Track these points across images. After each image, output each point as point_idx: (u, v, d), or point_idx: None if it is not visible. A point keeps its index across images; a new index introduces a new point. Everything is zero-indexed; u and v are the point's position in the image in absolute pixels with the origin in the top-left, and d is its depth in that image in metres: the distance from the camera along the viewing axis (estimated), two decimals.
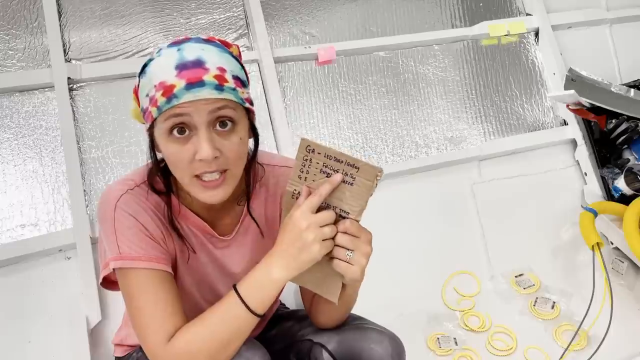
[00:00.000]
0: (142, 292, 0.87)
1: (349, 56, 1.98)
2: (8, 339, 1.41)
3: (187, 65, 0.80)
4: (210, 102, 0.81)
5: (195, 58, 0.81)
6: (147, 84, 0.83)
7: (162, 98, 0.80)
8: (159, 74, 0.81)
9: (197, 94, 0.80)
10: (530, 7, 2.21)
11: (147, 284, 0.87)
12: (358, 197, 0.82)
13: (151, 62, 0.84)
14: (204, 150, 0.81)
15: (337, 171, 0.82)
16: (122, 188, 0.91)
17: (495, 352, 1.61)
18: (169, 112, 0.81)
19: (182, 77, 0.80)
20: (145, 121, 0.86)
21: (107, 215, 0.89)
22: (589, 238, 1.70)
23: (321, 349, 1.03)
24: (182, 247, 0.97)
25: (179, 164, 0.85)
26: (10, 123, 1.59)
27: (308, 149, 0.81)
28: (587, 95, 1.91)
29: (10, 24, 1.67)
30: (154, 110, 0.82)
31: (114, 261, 0.88)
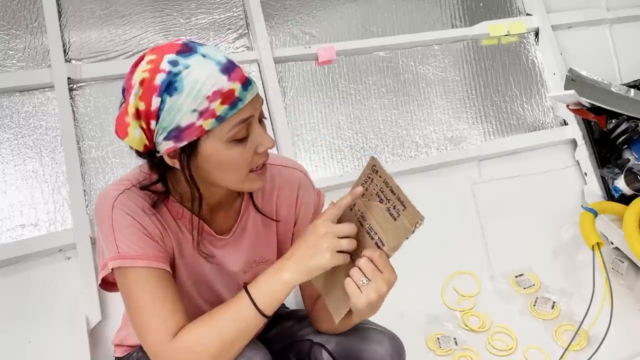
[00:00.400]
0: (142, 291, 0.87)
1: (349, 56, 1.98)
2: (8, 339, 1.41)
3: (230, 67, 0.81)
4: (258, 97, 0.85)
5: (226, 59, 0.82)
6: (190, 99, 0.78)
7: (222, 106, 0.79)
8: (207, 83, 0.78)
9: (253, 91, 0.82)
10: (530, 7, 2.22)
11: (146, 282, 0.87)
12: (397, 234, 0.81)
13: (181, 76, 0.79)
14: (269, 142, 0.86)
15: (389, 201, 0.82)
16: (118, 188, 0.91)
17: (495, 352, 1.61)
18: (234, 120, 0.81)
19: (235, 80, 0.80)
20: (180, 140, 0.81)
21: (105, 216, 0.89)
22: (589, 238, 1.70)
23: (321, 348, 1.03)
24: (181, 246, 0.97)
25: (239, 166, 0.86)
26: (10, 123, 1.59)
27: (374, 168, 0.83)
28: (587, 95, 1.91)
29: (10, 24, 1.67)
30: (211, 122, 0.79)
31: (112, 261, 0.88)
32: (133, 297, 0.88)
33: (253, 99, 0.83)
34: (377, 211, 0.84)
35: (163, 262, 0.90)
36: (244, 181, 0.88)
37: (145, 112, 0.80)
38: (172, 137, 0.81)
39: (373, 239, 0.84)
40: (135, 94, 0.80)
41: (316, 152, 1.87)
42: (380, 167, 0.82)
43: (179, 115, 0.79)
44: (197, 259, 0.99)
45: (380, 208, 0.83)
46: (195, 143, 0.82)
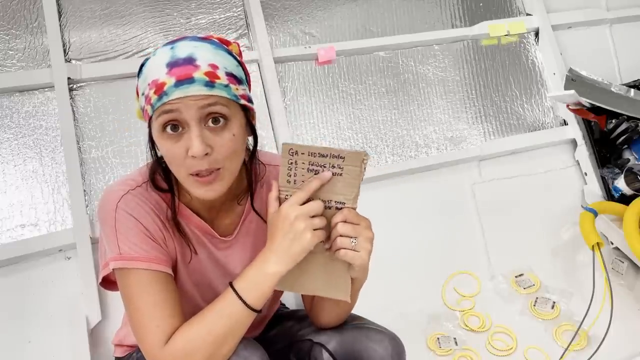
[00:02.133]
0: (142, 292, 0.87)
1: (349, 56, 1.98)
2: (8, 339, 1.41)
3: (178, 63, 0.82)
4: (199, 98, 0.81)
5: (186, 55, 0.83)
6: (143, 83, 0.85)
7: (154, 96, 0.82)
8: (153, 72, 0.83)
9: (186, 90, 0.81)
10: (530, 7, 2.21)
11: (147, 284, 0.87)
12: (350, 185, 0.83)
13: (147, 62, 0.86)
14: (195, 146, 0.81)
15: (324, 166, 0.83)
16: (123, 188, 0.91)
17: (495, 352, 1.61)
18: (160, 109, 0.82)
19: (172, 75, 0.81)
20: (144, 119, 0.88)
21: (108, 216, 0.89)
22: (589, 238, 1.70)
23: (321, 348, 1.02)
24: (183, 248, 0.97)
25: (173, 161, 0.86)
26: (10, 123, 1.59)
27: (291, 152, 0.82)
28: (587, 95, 1.91)
29: (10, 24, 1.67)
30: (149, 108, 0.84)
31: (114, 261, 0.88)
32: (133, 299, 0.88)
33: (188, 100, 0.81)
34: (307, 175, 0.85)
35: (165, 265, 0.90)
36: (186, 182, 0.87)
37: (136, 89, 0.89)
38: (143, 115, 0.88)
39: (332, 207, 0.86)
40: None
41: None
42: (297, 145, 0.82)
43: (140, 97, 0.87)
44: (199, 261, 0.99)
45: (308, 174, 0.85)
46: (150, 126, 0.87)
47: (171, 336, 0.85)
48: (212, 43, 0.87)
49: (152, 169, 0.94)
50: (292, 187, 0.84)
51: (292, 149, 0.81)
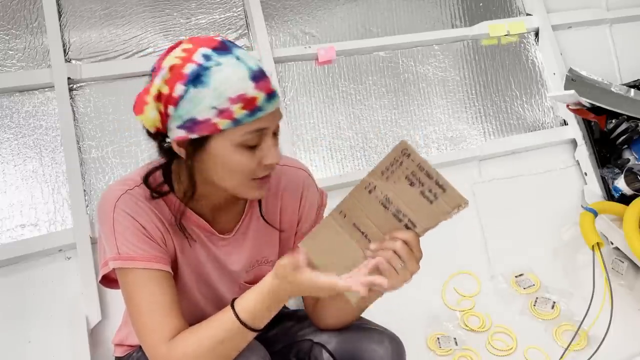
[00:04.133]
0: (140, 292, 0.88)
1: (349, 56, 1.98)
2: (8, 339, 1.41)
3: (259, 76, 0.82)
4: (278, 112, 0.86)
5: (257, 67, 0.83)
6: (213, 96, 0.80)
7: (242, 111, 0.80)
8: (234, 85, 0.79)
9: (275, 104, 0.83)
10: (530, 7, 2.21)
11: (145, 283, 0.88)
12: (431, 216, 0.80)
13: (210, 73, 0.80)
14: (276, 157, 0.86)
15: (422, 184, 0.80)
16: (121, 188, 0.92)
17: (495, 352, 1.61)
18: (249, 127, 0.82)
19: (261, 89, 0.81)
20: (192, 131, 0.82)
21: (107, 216, 0.90)
22: (589, 238, 1.70)
23: (321, 348, 1.03)
24: (183, 245, 0.97)
25: (242, 172, 0.86)
26: (10, 123, 1.59)
27: (404, 152, 0.79)
28: (587, 95, 1.92)
29: (10, 24, 1.67)
30: (226, 122, 0.80)
31: (112, 261, 0.88)
32: (132, 298, 0.89)
33: (273, 112, 0.84)
34: (406, 194, 0.81)
35: (163, 263, 0.90)
36: (242, 187, 0.88)
37: (167, 97, 0.81)
38: (185, 127, 0.82)
39: (402, 220, 0.83)
40: (162, 76, 0.82)
41: (316, 152, 1.87)
42: (413, 150, 0.79)
43: (198, 108, 0.80)
44: (198, 258, 0.99)
45: (410, 191, 0.81)
46: (206, 138, 0.83)
47: (170, 336, 0.85)
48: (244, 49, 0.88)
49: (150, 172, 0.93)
50: (381, 179, 0.81)
51: (406, 150, 0.79)
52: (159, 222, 0.93)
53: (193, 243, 0.98)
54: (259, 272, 1.06)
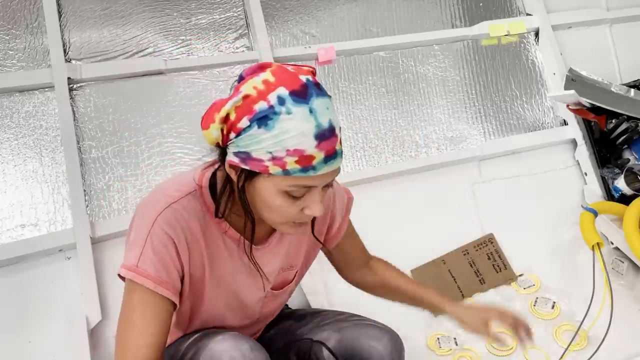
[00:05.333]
0: (139, 311, 0.88)
1: (349, 56, 1.98)
2: (8, 339, 1.41)
3: (326, 135, 0.80)
4: (336, 170, 0.85)
5: (329, 125, 0.80)
6: (273, 141, 0.79)
7: (295, 165, 0.79)
8: (296, 138, 0.78)
9: (332, 165, 0.82)
10: (530, 7, 2.21)
11: (148, 305, 0.88)
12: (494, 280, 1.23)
13: (279, 118, 0.78)
14: (319, 211, 0.85)
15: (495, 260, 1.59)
16: (166, 201, 0.90)
17: (495, 352, 1.61)
18: (298, 182, 0.82)
19: (322, 149, 0.80)
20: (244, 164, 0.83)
21: (145, 226, 0.89)
22: (589, 238, 1.70)
23: (321, 346, 1.03)
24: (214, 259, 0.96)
25: (281, 214, 0.87)
26: (10, 123, 1.59)
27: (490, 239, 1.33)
28: (587, 95, 1.91)
29: (10, 24, 1.67)
30: (277, 169, 0.80)
31: (127, 270, 0.88)
32: (129, 311, 0.89)
33: (329, 173, 0.83)
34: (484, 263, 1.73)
35: (171, 292, 0.90)
36: (279, 225, 0.90)
37: (232, 123, 0.82)
38: (240, 157, 0.83)
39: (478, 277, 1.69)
40: (234, 102, 0.81)
41: None
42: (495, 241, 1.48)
43: (255, 146, 0.80)
44: (227, 269, 0.99)
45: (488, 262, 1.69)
46: (255, 174, 0.83)
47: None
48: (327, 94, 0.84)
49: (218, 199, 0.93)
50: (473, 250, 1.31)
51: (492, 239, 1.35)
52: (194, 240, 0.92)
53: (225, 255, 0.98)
54: (283, 278, 1.07)
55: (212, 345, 0.90)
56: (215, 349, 0.89)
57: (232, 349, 0.88)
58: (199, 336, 0.96)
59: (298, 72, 0.83)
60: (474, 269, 1.79)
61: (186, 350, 0.95)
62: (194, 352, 0.92)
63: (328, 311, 1.17)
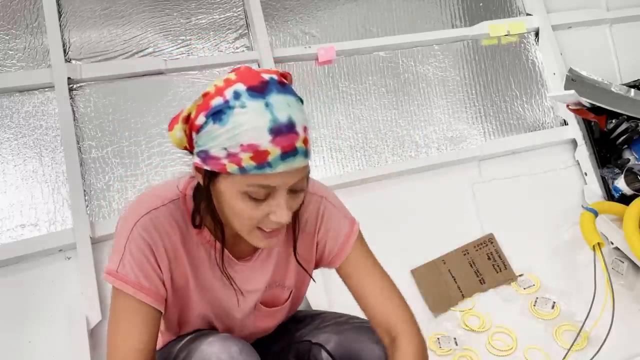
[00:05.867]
0: (123, 317, 0.88)
1: (349, 56, 1.98)
2: (8, 339, 1.41)
3: (282, 130, 0.75)
4: (298, 171, 0.79)
5: (287, 120, 0.76)
6: (227, 136, 0.77)
7: (250, 162, 0.75)
8: (249, 133, 0.75)
9: (291, 163, 0.77)
10: (530, 7, 2.21)
11: (131, 313, 0.88)
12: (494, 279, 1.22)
13: (232, 112, 0.76)
14: (284, 217, 0.80)
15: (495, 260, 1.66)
16: (148, 206, 0.90)
17: (495, 352, 1.61)
18: (255, 180, 0.77)
19: (277, 145, 0.75)
20: (205, 164, 0.80)
21: (124, 232, 0.88)
22: (590, 238, 1.70)
23: (320, 349, 1.02)
24: (197, 269, 0.96)
25: (245, 220, 0.83)
26: (10, 123, 1.59)
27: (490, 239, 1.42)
28: (587, 95, 1.91)
29: (10, 24, 1.67)
30: (233, 167, 0.77)
31: (107, 275, 0.89)
32: (115, 318, 0.90)
33: (289, 172, 0.78)
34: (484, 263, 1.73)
35: (153, 299, 0.89)
36: (247, 234, 0.86)
37: (191, 122, 0.81)
38: (200, 156, 0.81)
39: (478, 276, 1.70)
40: (195, 101, 0.81)
41: (316, 152, 1.87)
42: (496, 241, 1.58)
43: (212, 143, 0.78)
44: (212, 282, 0.98)
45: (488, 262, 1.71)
46: (217, 174, 0.81)
47: None
48: (293, 94, 0.81)
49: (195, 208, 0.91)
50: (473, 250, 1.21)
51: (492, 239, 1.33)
52: (173, 250, 0.91)
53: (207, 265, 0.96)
54: (273, 295, 1.05)
55: (202, 348, 0.89)
56: (206, 351, 0.88)
57: (222, 351, 0.88)
58: (190, 338, 0.96)
59: (264, 71, 0.81)
60: (474, 269, 1.79)
61: (178, 353, 0.94)
62: (185, 355, 0.91)
63: (328, 313, 1.16)
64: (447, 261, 1.80)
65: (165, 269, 0.91)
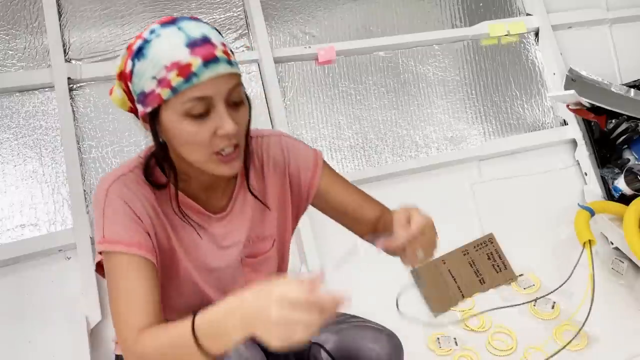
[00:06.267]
0: (121, 277, 0.87)
1: (349, 56, 1.98)
2: (8, 339, 1.41)
3: (197, 43, 0.80)
4: (226, 79, 0.82)
5: (201, 35, 0.81)
6: (151, 66, 0.81)
7: (178, 78, 0.79)
8: (168, 53, 0.80)
9: (216, 70, 0.80)
10: (530, 7, 2.21)
11: (127, 269, 0.87)
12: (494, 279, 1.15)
13: (149, 45, 0.82)
14: (229, 125, 0.82)
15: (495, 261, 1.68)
16: (115, 174, 0.93)
17: (495, 352, 1.61)
18: (188, 94, 0.80)
19: (197, 55, 0.79)
20: (145, 106, 0.84)
21: (99, 200, 0.90)
22: (582, 235, 1.71)
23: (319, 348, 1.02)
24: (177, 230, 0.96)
25: (197, 144, 0.84)
26: (10, 123, 1.59)
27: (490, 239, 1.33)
28: (587, 95, 1.91)
29: (10, 24, 1.67)
30: (166, 92, 0.80)
31: (98, 244, 0.89)
32: (112, 283, 0.88)
33: (218, 79, 0.81)
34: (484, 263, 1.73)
35: (145, 251, 0.89)
36: (207, 163, 0.86)
37: (123, 74, 0.86)
38: (140, 101, 0.85)
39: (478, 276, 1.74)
40: (122, 56, 0.86)
41: None
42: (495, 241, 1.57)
43: (143, 80, 0.82)
44: (195, 242, 0.98)
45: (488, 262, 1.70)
46: (158, 111, 0.84)
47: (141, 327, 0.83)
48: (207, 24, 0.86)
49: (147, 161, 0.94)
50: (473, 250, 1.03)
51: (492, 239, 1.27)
52: (151, 208, 0.92)
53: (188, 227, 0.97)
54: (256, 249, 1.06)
55: None
56: None
57: None
58: None
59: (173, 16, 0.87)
60: (474, 269, 1.79)
61: None
62: None
63: None
64: (447, 261, 1.80)
65: (148, 224, 0.91)
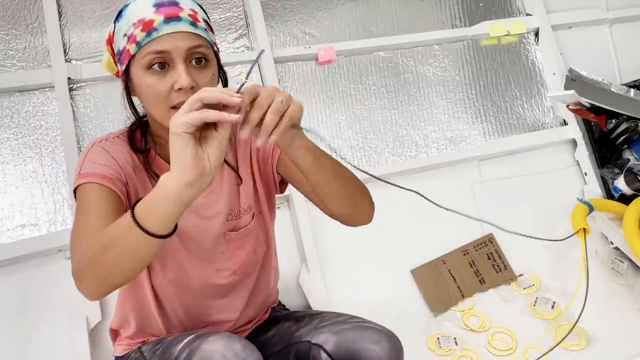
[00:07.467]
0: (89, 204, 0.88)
1: (349, 56, 1.98)
2: (8, 339, 1.41)
3: (164, 3, 0.88)
4: (187, 37, 0.88)
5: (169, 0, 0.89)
6: (125, 25, 0.89)
7: (141, 33, 0.87)
8: (137, 12, 0.88)
9: (175, 26, 0.87)
10: (530, 7, 2.21)
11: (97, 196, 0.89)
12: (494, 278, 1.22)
13: (127, 7, 0.91)
14: (183, 79, 0.86)
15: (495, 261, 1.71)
16: (98, 139, 0.99)
17: (495, 352, 1.61)
18: (148, 48, 0.87)
19: (160, 13, 0.87)
20: (121, 64, 0.92)
21: (83, 153, 0.96)
22: (576, 223, 1.72)
23: (319, 349, 1.03)
24: None
25: (157, 97, 0.89)
26: (10, 123, 1.59)
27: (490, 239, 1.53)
28: (587, 95, 1.91)
29: (10, 24, 1.67)
30: (133, 47, 0.88)
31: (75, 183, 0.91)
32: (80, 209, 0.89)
33: (176, 35, 0.87)
34: (484, 263, 1.75)
35: (118, 188, 0.91)
36: (166, 117, 0.88)
37: (108, 37, 0.95)
38: (118, 60, 0.93)
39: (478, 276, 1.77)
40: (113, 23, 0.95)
41: None
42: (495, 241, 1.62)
43: (119, 39, 0.91)
44: None
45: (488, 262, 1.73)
46: (129, 68, 0.91)
47: None
48: None
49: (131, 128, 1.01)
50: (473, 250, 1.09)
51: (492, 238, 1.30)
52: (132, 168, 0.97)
53: None
54: (238, 223, 1.07)
55: (204, 346, 0.89)
56: (208, 349, 0.88)
57: (225, 348, 0.88)
58: (191, 338, 0.95)
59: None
60: (474, 269, 1.79)
61: (179, 354, 0.94)
62: (187, 355, 0.91)
63: (327, 313, 1.16)
64: (447, 261, 1.80)
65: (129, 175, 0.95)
